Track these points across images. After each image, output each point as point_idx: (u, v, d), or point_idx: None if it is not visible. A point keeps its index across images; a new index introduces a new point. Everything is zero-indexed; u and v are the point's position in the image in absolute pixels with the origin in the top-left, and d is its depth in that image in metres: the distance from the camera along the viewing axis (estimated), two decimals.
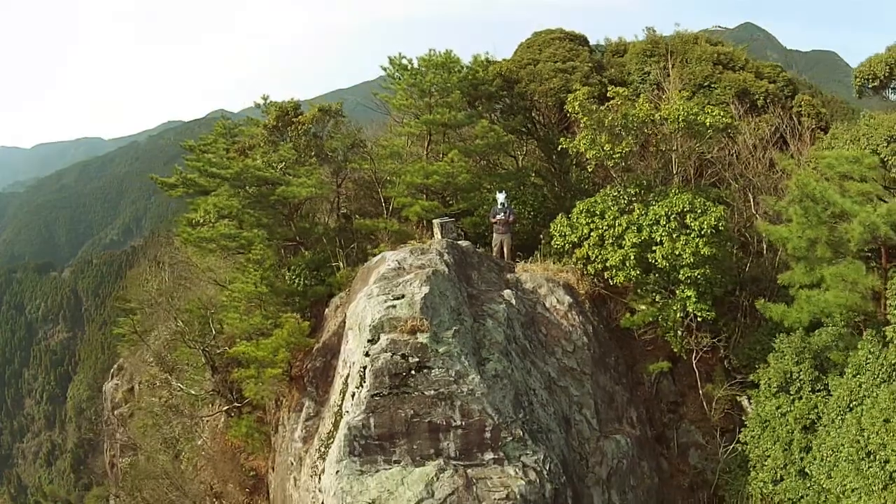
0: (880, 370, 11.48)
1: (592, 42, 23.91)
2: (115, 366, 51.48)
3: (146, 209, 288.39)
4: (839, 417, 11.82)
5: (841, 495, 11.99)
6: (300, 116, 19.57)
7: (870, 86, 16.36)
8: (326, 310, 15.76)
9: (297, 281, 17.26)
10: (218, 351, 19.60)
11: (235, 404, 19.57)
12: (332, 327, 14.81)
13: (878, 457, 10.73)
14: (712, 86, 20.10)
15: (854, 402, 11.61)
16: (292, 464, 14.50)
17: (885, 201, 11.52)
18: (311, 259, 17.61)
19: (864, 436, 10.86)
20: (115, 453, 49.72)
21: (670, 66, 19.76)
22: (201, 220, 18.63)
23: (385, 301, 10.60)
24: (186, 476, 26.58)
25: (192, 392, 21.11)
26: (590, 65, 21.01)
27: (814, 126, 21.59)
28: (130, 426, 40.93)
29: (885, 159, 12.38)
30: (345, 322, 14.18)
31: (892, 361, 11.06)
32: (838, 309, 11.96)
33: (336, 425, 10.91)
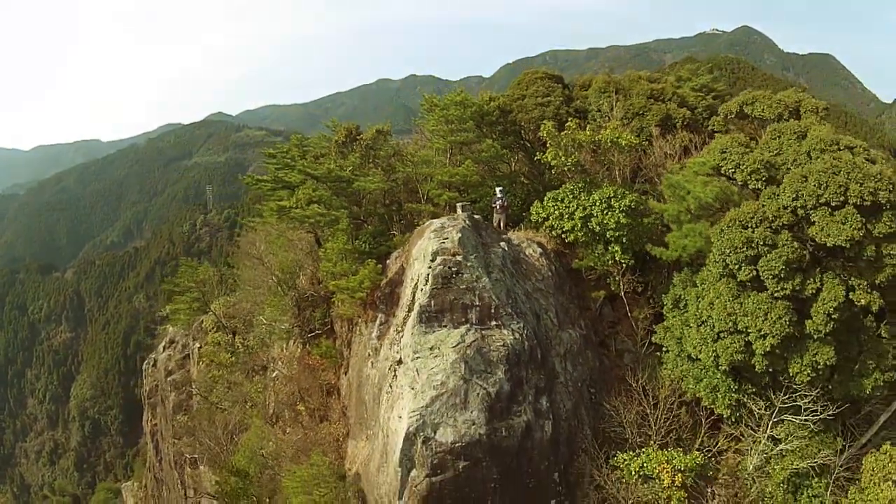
0: (712, 278, 21.02)
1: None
2: (167, 339, 60.28)
3: (146, 211, 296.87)
4: (692, 307, 21.38)
5: (696, 352, 21.54)
6: (361, 135, 29.00)
7: (730, 117, 25.71)
8: (388, 261, 25.20)
9: (364, 245, 26.62)
10: (305, 295, 28.96)
11: (317, 332, 28.98)
12: (393, 269, 24.25)
13: (707, 323, 20.28)
14: (645, 114, 29.59)
15: (699, 297, 21.15)
16: (369, 354, 23.87)
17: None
18: (372, 231, 27.03)
19: (699, 311, 20.41)
20: (161, 420, 58.91)
21: (615, 101, 29.30)
22: (294, 205, 27.94)
23: (439, 240, 20.17)
24: (257, 404, 36.18)
25: (283, 327, 30.32)
26: (561, 98, 30.60)
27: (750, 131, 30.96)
28: (195, 384, 49.79)
29: (718, 163, 21.72)
30: (403, 267, 23.67)
31: (715, 272, 20.54)
32: (693, 249, 21.48)
33: (410, 310, 20.43)
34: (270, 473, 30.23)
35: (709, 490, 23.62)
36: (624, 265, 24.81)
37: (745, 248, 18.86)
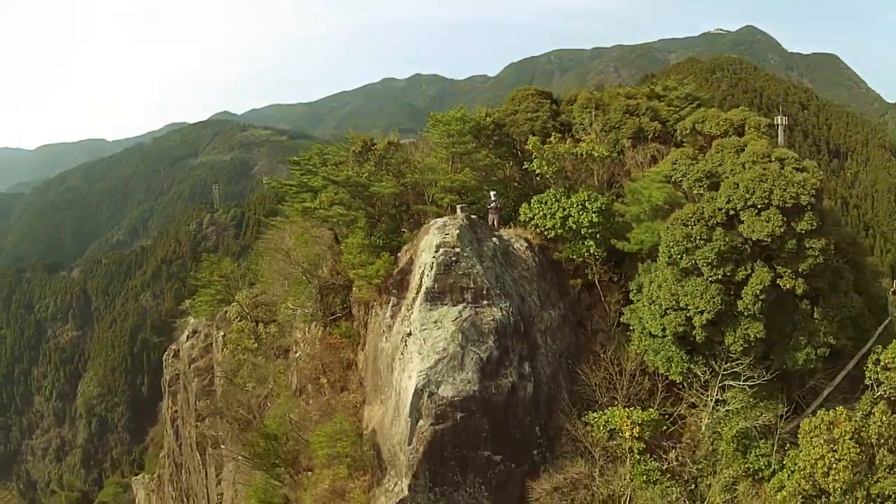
0: (661, 265, 26.25)
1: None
2: (189, 330, 65.45)
3: (152, 210, 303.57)
4: (646, 289, 26.63)
5: (649, 326, 26.76)
6: (375, 145, 34.32)
7: (684, 133, 30.95)
8: (399, 253, 30.51)
9: (378, 240, 31.90)
10: (327, 283, 34.27)
11: (337, 315, 34.30)
12: (404, 260, 29.55)
13: (656, 302, 25.54)
14: (620, 127, 34.79)
15: (651, 282, 26.40)
16: (384, 330, 29.15)
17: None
18: (385, 228, 32.34)
19: (651, 293, 25.67)
20: (183, 405, 64.04)
21: (594, 116, 34.53)
22: (318, 206, 33.21)
23: (441, 235, 25.53)
24: (280, 382, 41.33)
25: (308, 311, 35.62)
26: (549, 113, 35.87)
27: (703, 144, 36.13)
28: (219, 366, 54.94)
29: (669, 173, 26.92)
30: (412, 258, 28.95)
31: (663, 261, 25.76)
32: (650, 243, 26.71)
33: (418, 291, 25.75)
34: (295, 437, 35.48)
35: (667, 445, 28.86)
36: (598, 257, 30.04)
37: (684, 242, 24.09)
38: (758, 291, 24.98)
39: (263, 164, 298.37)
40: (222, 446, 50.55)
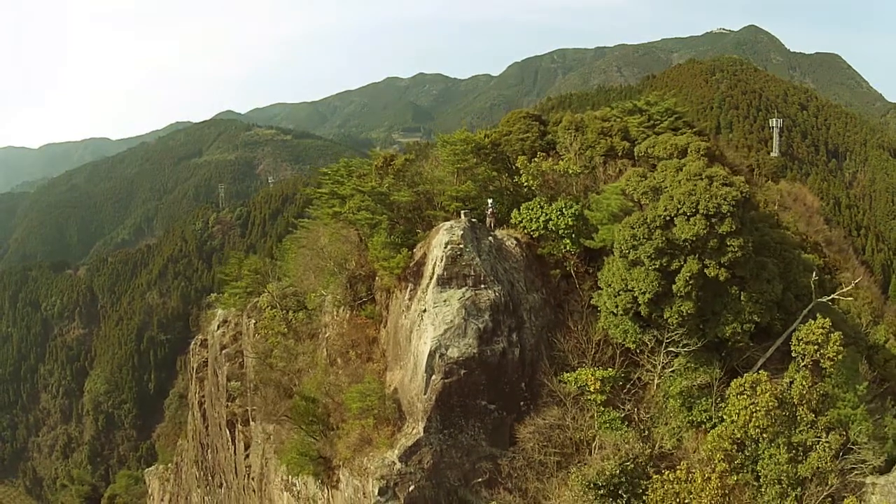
0: (615, 258, 35.17)
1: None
2: (219, 319, 74.25)
3: (157, 209, 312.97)
4: (605, 276, 35.62)
5: (609, 305, 35.71)
6: (394, 161, 43.27)
7: (640, 155, 39.84)
8: (414, 249, 39.43)
9: (397, 239, 40.77)
10: (354, 274, 43.21)
11: (363, 300, 43.28)
12: (418, 255, 38.50)
13: (611, 286, 34.57)
14: (595, 146, 43.69)
15: (608, 270, 35.38)
16: (403, 310, 38.12)
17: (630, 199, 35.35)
18: (403, 229, 41.26)
19: (608, 279, 34.68)
20: (212, 388, 72.76)
21: (573, 137, 43.46)
22: (346, 211, 42.15)
23: (449, 235, 34.61)
24: (312, 358, 50.13)
25: (338, 297, 44.55)
26: (537, 133, 44.85)
27: (654, 163, 45.15)
28: (251, 347, 63.55)
29: (623, 187, 35.78)
30: (425, 253, 37.95)
31: (616, 255, 34.66)
32: (610, 241, 35.64)
33: (431, 278, 34.81)
34: (325, 403, 44.24)
35: (625, 398, 37.68)
36: (573, 253, 39.01)
37: (631, 240, 33.02)
38: (687, 277, 33.87)
39: (268, 163, 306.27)
40: (252, 422, 59.33)
